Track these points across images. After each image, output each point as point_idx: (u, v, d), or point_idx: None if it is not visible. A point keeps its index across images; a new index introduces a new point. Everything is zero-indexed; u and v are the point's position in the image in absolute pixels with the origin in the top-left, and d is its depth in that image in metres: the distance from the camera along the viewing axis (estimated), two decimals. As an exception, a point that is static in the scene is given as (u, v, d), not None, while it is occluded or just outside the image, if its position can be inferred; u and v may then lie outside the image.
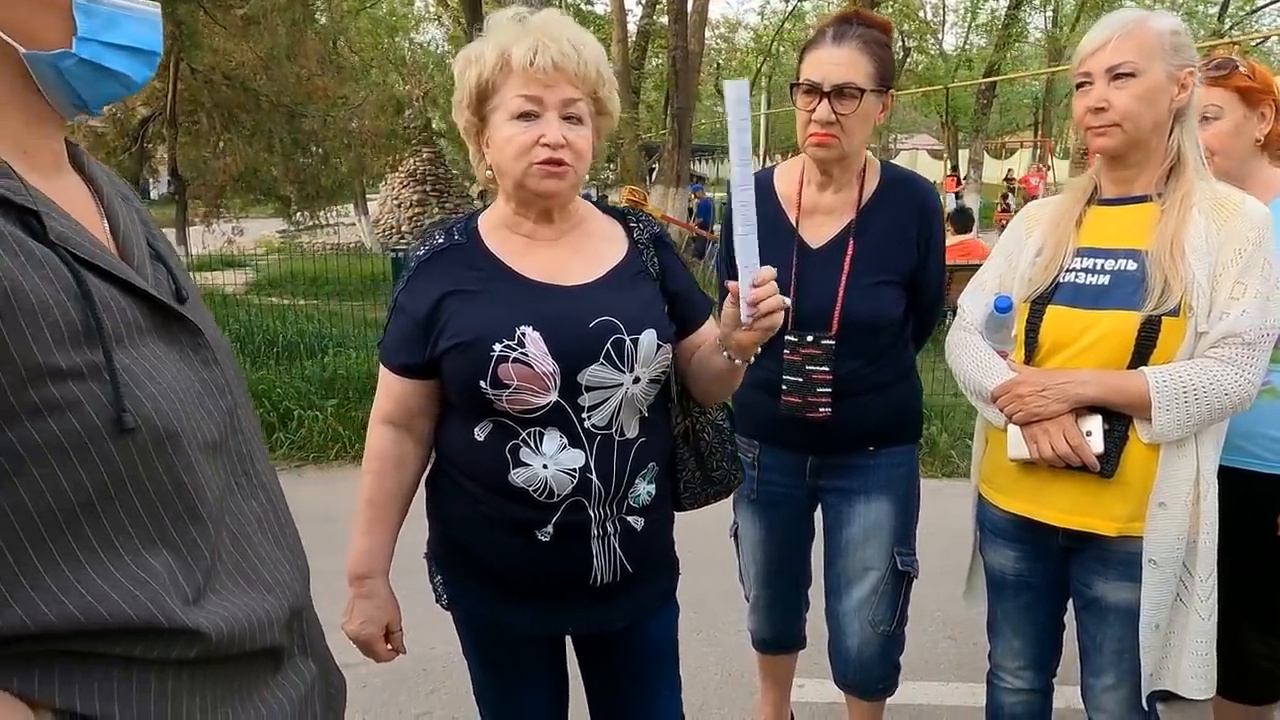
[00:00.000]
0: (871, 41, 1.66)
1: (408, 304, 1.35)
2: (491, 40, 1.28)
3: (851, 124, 1.66)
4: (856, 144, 1.71)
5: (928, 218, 1.82)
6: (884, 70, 1.67)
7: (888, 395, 1.83)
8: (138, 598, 0.78)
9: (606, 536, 1.34)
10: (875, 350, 1.79)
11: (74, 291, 0.76)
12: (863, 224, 1.76)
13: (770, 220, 1.79)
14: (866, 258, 1.75)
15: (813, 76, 1.65)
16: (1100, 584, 1.58)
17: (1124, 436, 1.49)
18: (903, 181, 1.83)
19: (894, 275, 1.77)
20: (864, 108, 1.65)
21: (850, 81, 1.63)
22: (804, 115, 1.68)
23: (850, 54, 1.64)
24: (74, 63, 0.79)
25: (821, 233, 1.79)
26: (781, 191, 1.83)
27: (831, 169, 1.75)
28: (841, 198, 1.78)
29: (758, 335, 1.23)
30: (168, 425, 0.81)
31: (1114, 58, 1.49)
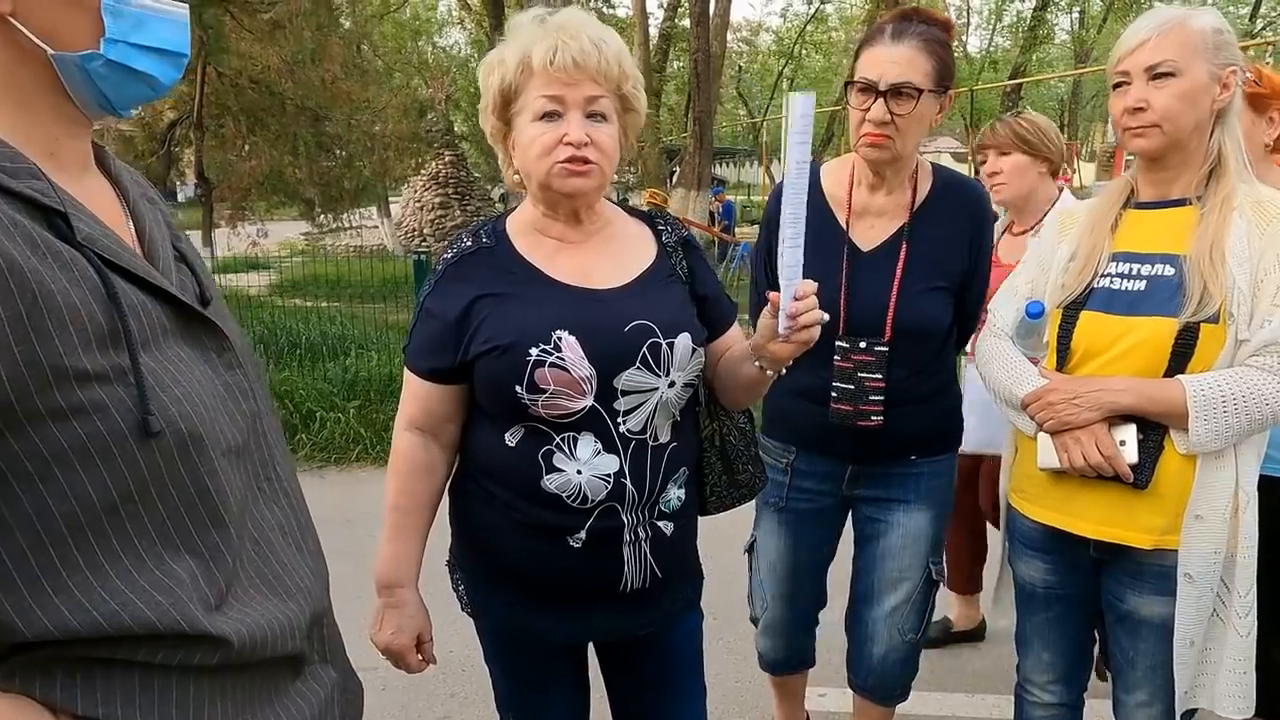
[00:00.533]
0: (932, 40, 1.61)
1: (436, 307, 1.33)
2: (513, 44, 1.27)
3: (907, 125, 1.61)
4: (911, 145, 1.66)
5: (980, 223, 1.78)
6: (943, 70, 1.62)
7: (933, 404, 1.80)
8: (161, 603, 0.77)
9: (638, 542, 1.33)
10: (924, 357, 1.75)
11: (101, 294, 0.75)
12: (916, 228, 1.72)
13: (818, 221, 1.75)
14: (920, 263, 1.71)
15: (869, 74, 1.60)
16: (1133, 598, 1.54)
17: (1159, 446, 1.45)
18: (957, 185, 1.79)
19: (946, 281, 1.73)
20: (920, 109, 1.60)
21: (908, 81, 1.58)
22: (858, 114, 1.63)
23: (909, 52, 1.59)
24: (101, 64, 0.79)
25: (873, 235, 1.74)
26: (830, 192, 1.78)
27: (884, 170, 1.70)
28: (894, 200, 1.74)
29: (793, 348, 1.22)
30: (192, 429, 0.80)
31: (1154, 56, 1.45)
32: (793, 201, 1.17)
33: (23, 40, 0.75)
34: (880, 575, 1.86)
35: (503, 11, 11.42)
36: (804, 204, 1.18)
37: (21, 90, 0.77)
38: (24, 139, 0.77)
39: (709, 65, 16.25)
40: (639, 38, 19.79)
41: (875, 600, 1.88)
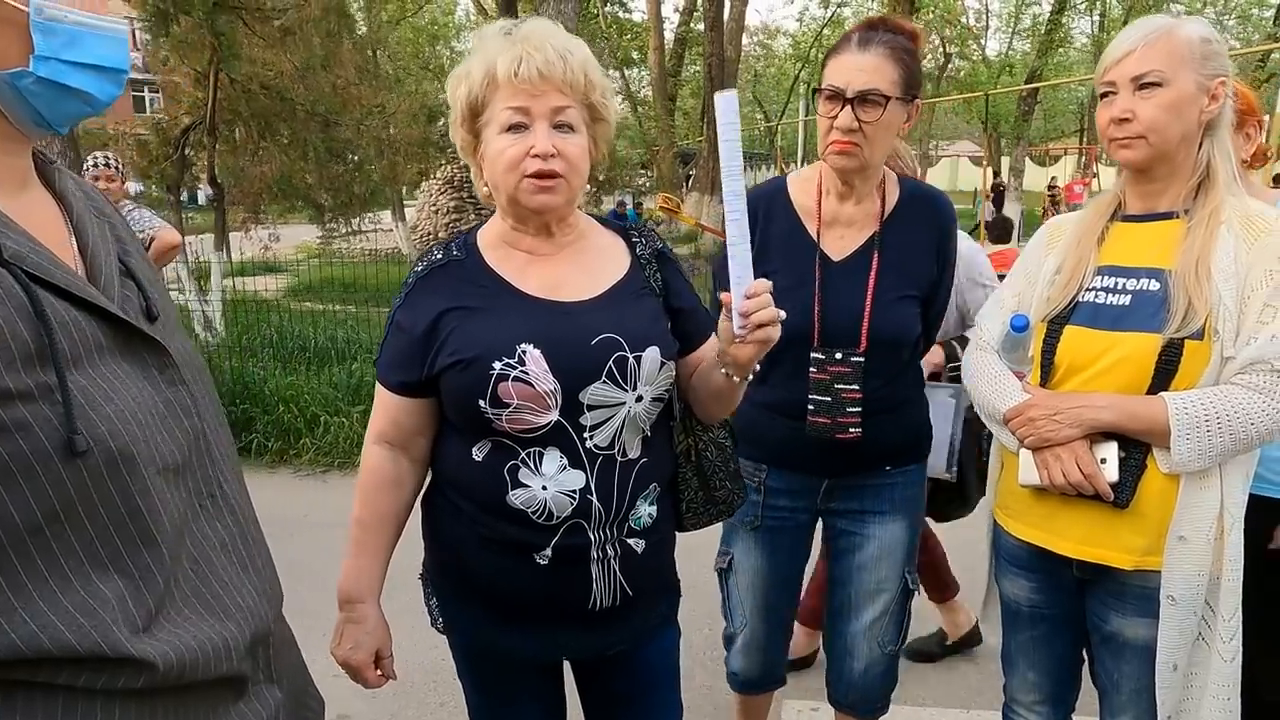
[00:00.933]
0: (898, 48, 1.60)
1: (405, 321, 1.32)
2: (479, 56, 1.26)
3: (874, 132, 1.60)
4: (879, 153, 1.65)
5: (946, 233, 1.78)
6: (910, 78, 1.61)
7: (905, 413, 1.79)
8: (83, 625, 0.76)
9: (606, 560, 1.31)
10: (896, 367, 1.74)
11: (27, 311, 0.75)
12: (886, 237, 1.71)
13: (788, 232, 1.75)
14: (891, 272, 1.70)
15: (836, 82, 1.60)
16: (1117, 619, 1.50)
17: (1141, 465, 1.42)
18: (923, 196, 1.79)
19: (916, 290, 1.72)
20: (888, 116, 1.59)
21: (874, 88, 1.57)
22: (825, 122, 1.63)
23: (875, 60, 1.58)
24: (32, 81, 0.78)
25: (843, 245, 1.73)
26: (799, 202, 1.77)
27: (852, 179, 1.69)
28: (863, 209, 1.73)
29: (753, 349, 1.20)
30: (123, 447, 0.79)
31: (1140, 66, 1.42)
32: (733, 203, 1.15)
33: None
34: (857, 589, 1.84)
35: (516, 16, 11.46)
36: (744, 202, 1.16)
37: None
38: None
39: (723, 69, 16.26)
40: (654, 42, 19.82)
41: (853, 614, 1.85)
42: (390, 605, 1.42)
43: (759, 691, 2.07)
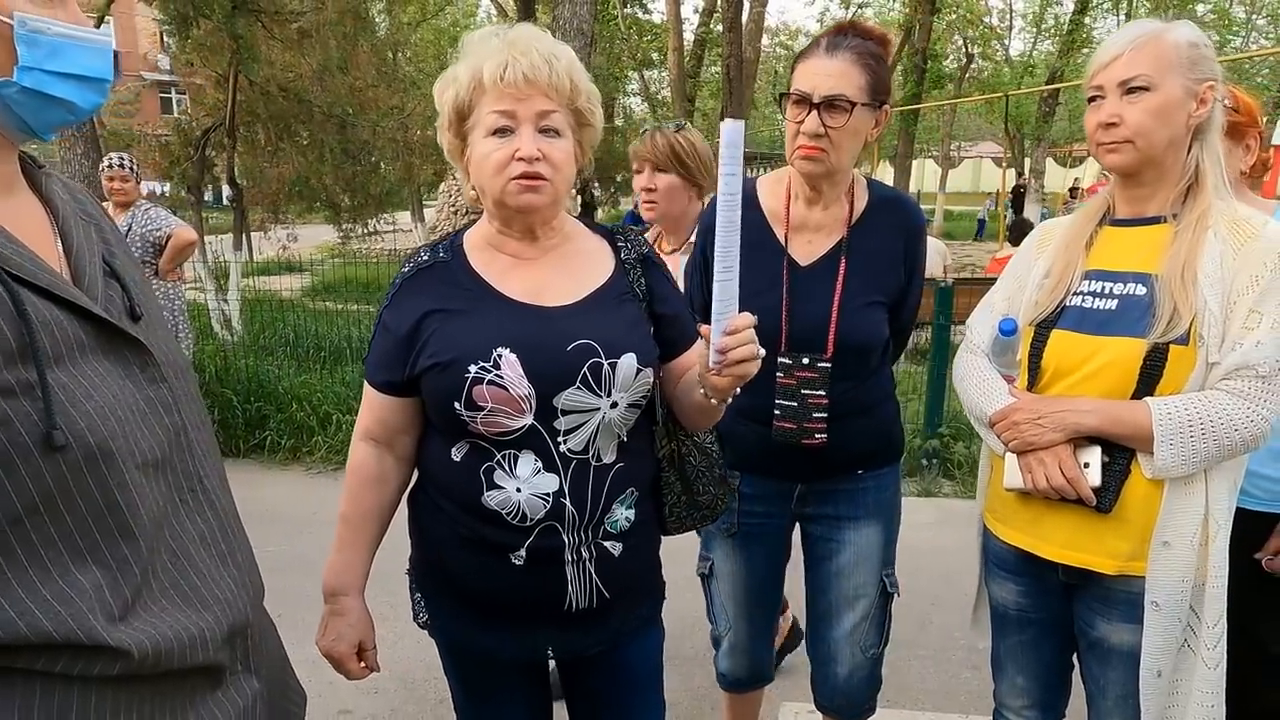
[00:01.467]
0: (866, 54, 1.60)
1: (391, 321, 1.34)
2: (466, 60, 1.28)
3: (840, 138, 1.60)
4: (846, 158, 1.65)
5: (914, 238, 1.78)
6: (877, 84, 1.61)
7: (874, 417, 1.79)
8: (60, 614, 0.79)
9: (581, 562, 1.32)
10: (864, 372, 1.74)
11: (9, 310, 0.78)
12: (854, 241, 1.71)
13: (756, 236, 1.74)
14: (858, 277, 1.70)
15: (802, 87, 1.60)
16: (1102, 624, 1.50)
17: (1125, 470, 1.42)
18: (892, 201, 1.79)
19: (883, 296, 1.72)
20: (854, 122, 1.59)
21: (840, 93, 1.57)
22: (793, 126, 1.64)
23: (842, 65, 1.58)
24: (16, 91, 0.81)
25: (810, 250, 1.73)
26: (767, 206, 1.77)
27: (819, 184, 1.69)
28: (831, 214, 1.73)
29: (729, 381, 1.20)
30: (101, 442, 0.82)
31: (1127, 71, 1.42)
32: (725, 235, 1.15)
33: None
34: (836, 595, 1.84)
35: (535, 18, 11.51)
36: (737, 238, 1.16)
37: None
38: None
39: (741, 71, 16.22)
40: (673, 43, 19.81)
41: (834, 620, 1.86)
42: (389, 601, 1.44)
43: (747, 690, 2.08)
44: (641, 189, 2.33)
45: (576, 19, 8.15)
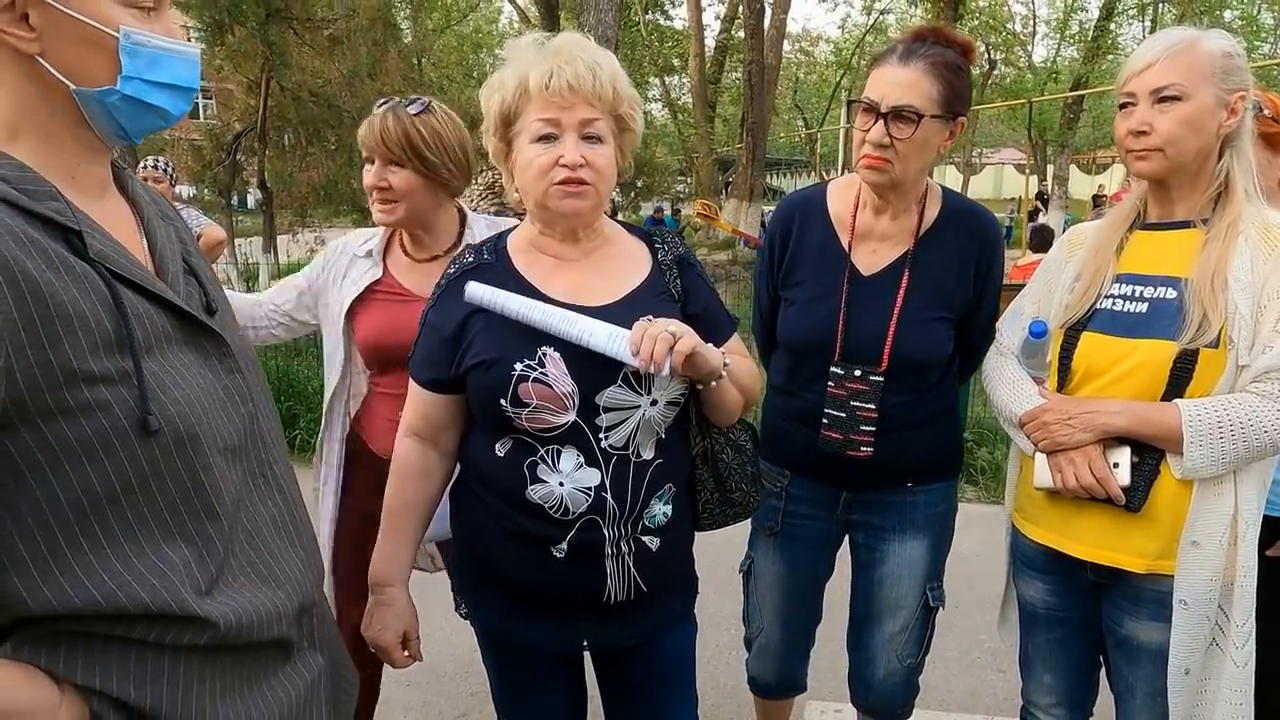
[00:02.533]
0: (942, 64, 1.55)
1: (436, 320, 1.39)
2: (512, 67, 1.32)
3: (907, 149, 1.56)
4: (912, 171, 1.61)
5: (989, 251, 1.72)
6: (952, 95, 1.56)
7: (930, 431, 1.76)
8: (154, 586, 0.85)
9: (621, 555, 1.36)
10: (922, 387, 1.72)
11: (109, 304, 0.84)
12: (920, 254, 1.68)
13: (820, 242, 1.74)
14: (921, 291, 1.66)
15: (872, 95, 1.56)
16: (1131, 623, 1.53)
17: (1155, 471, 1.44)
18: (966, 212, 1.74)
19: (948, 311, 1.68)
20: (922, 134, 1.55)
21: (909, 104, 1.53)
22: (859, 134, 1.60)
23: (914, 75, 1.54)
24: (118, 99, 0.88)
25: (875, 260, 1.71)
26: (835, 213, 1.75)
27: (886, 194, 1.66)
28: (898, 224, 1.70)
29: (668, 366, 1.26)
30: (189, 428, 0.88)
31: (1159, 79, 1.44)
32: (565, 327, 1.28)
33: (48, 77, 0.84)
34: (877, 603, 1.84)
35: (558, 24, 11.62)
36: None
37: (46, 121, 0.87)
38: (47, 164, 0.86)
39: (763, 77, 16.26)
40: (695, 49, 19.90)
41: (874, 626, 1.86)
42: (417, 595, 1.49)
43: (776, 697, 2.07)
44: (371, 187, 1.76)
45: (601, 26, 8.24)
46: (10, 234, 0.78)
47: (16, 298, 0.76)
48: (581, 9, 8.72)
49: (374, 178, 1.75)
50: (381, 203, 1.77)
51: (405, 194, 1.76)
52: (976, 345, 1.80)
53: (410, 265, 1.87)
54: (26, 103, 0.85)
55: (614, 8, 8.59)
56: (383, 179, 1.74)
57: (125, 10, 0.86)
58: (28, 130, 0.86)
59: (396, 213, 1.78)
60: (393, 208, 1.77)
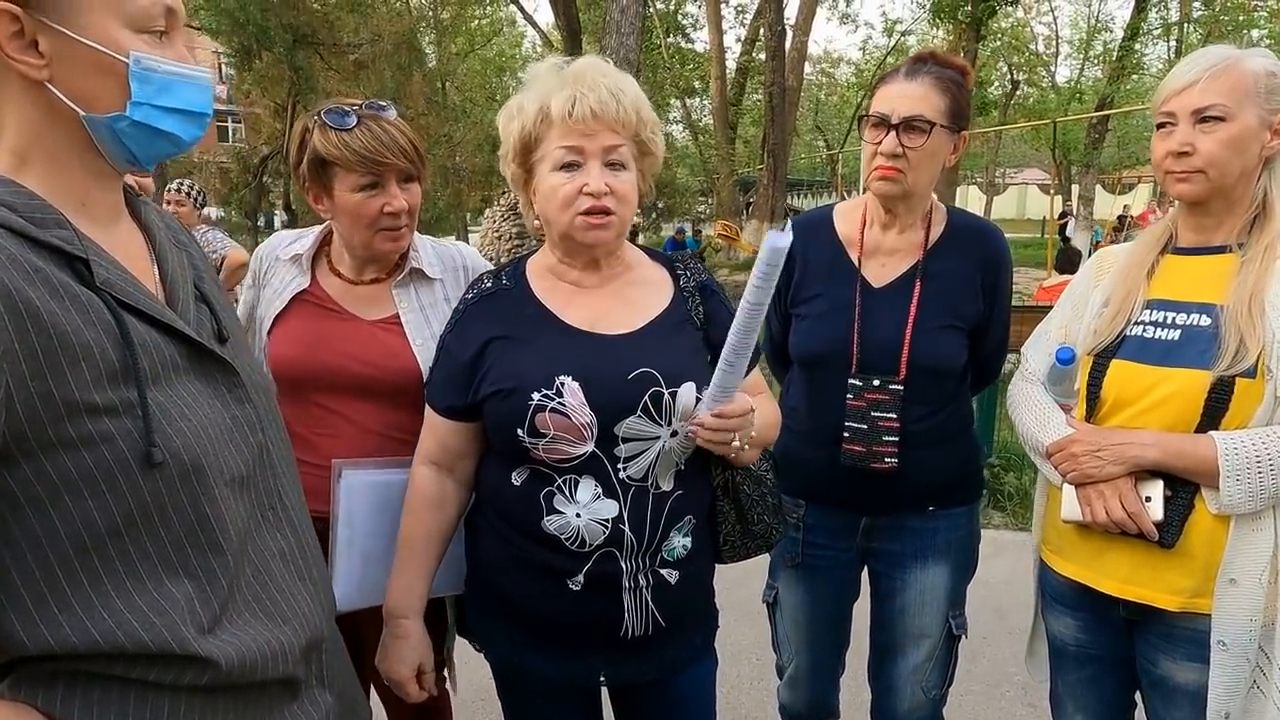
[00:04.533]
0: (946, 79, 1.61)
1: (454, 347, 1.37)
2: (532, 92, 1.31)
3: (918, 158, 1.59)
4: (923, 181, 1.64)
5: (996, 267, 1.73)
6: (957, 109, 1.62)
7: (950, 448, 1.74)
8: (155, 624, 0.83)
9: (639, 589, 1.33)
10: (940, 398, 1.71)
11: (114, 333, 0.83)
12: (929, 266, 1.69)
13: (830, 258, 1.75)
14: (933, 300, 1.67)
15: (881, 109, 1.61)
16: (1166, 663, 1.47)
17: (1189, 505, 1.39)
18: (972, 228, 1.76)
19: (960, 321, 1.69)
20: (932, 143, 1.59)
21: (919, 114, 1.57)
22: (870, 149, 1.63)
23: (921, 89, 1.60)
24: (128, 124, 0.87)
25: (884, 273, 1.72)
26: (842, 232, 1.77)
27: (896, 206, 1.68)
28: (906, 239, 1.72)
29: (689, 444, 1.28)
30: (194, 460, 0.87)
31: (1202, 99, 1.40)
32: (741, 336, 1.20)
33: (57, 103, 0.84)
34: (900, 633, 1.81)
35: (580, 47, 11.73)
36: (752, 341, 1.21)
37: (55, 148, 0.86)
38: (57, 192, 0.86)
39: (784, 99, 16.31)
40: (715, 71, 20.01)
41: (896, 657, 1.82)
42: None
43: None
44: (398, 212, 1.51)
45: (623, 49, 8.31)
46: (13, 262, 0.77)
47: (18, 328, 0.75)
48: (604, 32, 8.80)
49: (394, 201, 1.49)
50: (395, 230, 1.53)
51: (414, 213, 1.56)
52: (989, 360, 1.82)
53: (344, 287, 1.61)
54: (36, 129, 0.85)
55: (636, 31, 8.67)
56: (400, 200, 1.51)
57: (136, 36, 0.86)
58: (37, 157, 0.86)
59: (408, 237, 1.58)
60: (405, 232, 1.55)
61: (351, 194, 1.48)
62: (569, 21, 12.10)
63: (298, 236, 1.67)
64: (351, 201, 1.49)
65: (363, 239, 1.53)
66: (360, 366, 1.55)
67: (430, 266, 1.64)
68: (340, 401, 1.56)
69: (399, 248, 1.58)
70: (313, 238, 1.64)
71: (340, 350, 1.55)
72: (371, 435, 1.55)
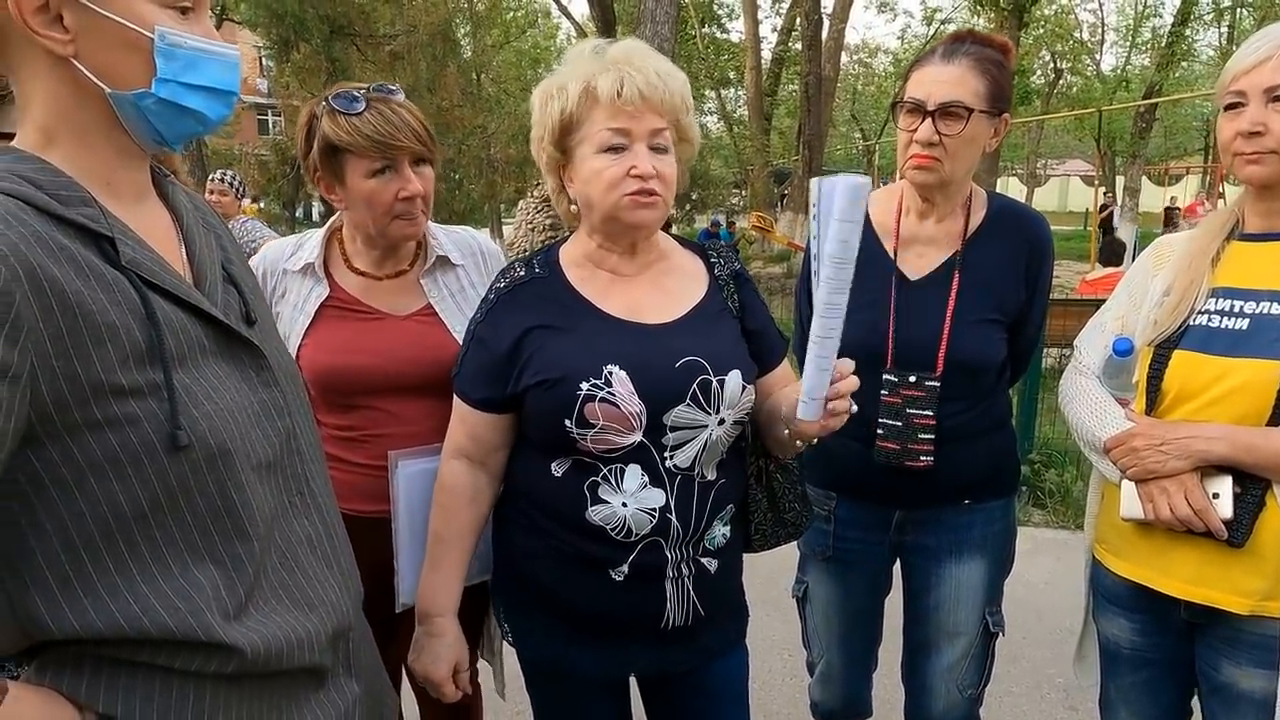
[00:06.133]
0: (985, 59, 1.54)
1: (488, 337, 1.33)
2: (573, 73, 1.27)
3: (956, 146, 1.53)
4: (961, 169, 1.58)
5: (1039, 254, 1.66)
6: (997, 91, 1.54)
7: (986, 443, 1.69)
8: (180, 610, 0.81)
9: (681, 578, 1.31)
10: (976, 394, 1.65)
11: (140, 314, 0.81)
12: (968, 256, 1.63)
13: (865, 249, 1.69)
14: (973, 293, 1.60)
15: (916, 94, 1.54)
16: (1230, 668, 1.39)
17: (1260, 502, 1.31)
18: (1014, 214, 1.69)
19: (1000, 314, 1.63)
20: (971, 129, 1.52)
21: (957, 100, 1.51)
22: (905, 136, 1.57)
23: (959, 72, 1.52)
24: (154, 101, 0.84)
25: (921, 264, 1.66)
26: (876, 220, 1.70)
27: (933, 195, 1.62)
28: (944, 228, 1.66)
29: (818, 429, 1.19)
30: (221, 444, 0.84)
31: (1275, 76, 1.32)
32: (832, 293, 1.10)
33: (82, 79, 0.82)
34: (934, 629, 1.76)
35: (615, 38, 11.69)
36: (846, 296, 1.11)
37: (81, 125, 0.84)
38: (82, 170, 0.84)
39: (820, 89, 16.11)
40: (750, 61, 19.83)
41: (931, 654, 1.77)
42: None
43: None
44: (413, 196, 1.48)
45: (658, 38, 8.24)
46: (39, 240, 0.75)
47: (44, 307, 0.73)
48: (639, 22, 8.74)
49: (409, 185, 1.46)
50: (411, 217, 1.49)
51: (429, 198, 1.52)
52: (1024, 353, 1.76)
53: (367, 284, 1.57)
54: (62, 106, 0.83)
55: (671, 20, 8.60)
56: (415, 184, 1.47)
57: (162, 10, 0.83)
58: (63, 135, 0.84)
59: (424, 223, 1.54)
60: (421, 218, 1.51)
61: (365, 180, 1.45)
62: (604, 12, 12.05)
63: (296, 245, 1.61)
64: (365, 188, 1.45)
65: (379, 227, 1.50)
66: (406, 365, 1.52)
67: (451, 253, 1.62)
68: (388, 401, 1.54)
69: (415, 234, 1.55)
70: (315, 243, 1.59)
71: (381, 351, 1.52)
72: (426, 430, 1.51)
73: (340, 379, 1.52)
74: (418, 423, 1.53)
